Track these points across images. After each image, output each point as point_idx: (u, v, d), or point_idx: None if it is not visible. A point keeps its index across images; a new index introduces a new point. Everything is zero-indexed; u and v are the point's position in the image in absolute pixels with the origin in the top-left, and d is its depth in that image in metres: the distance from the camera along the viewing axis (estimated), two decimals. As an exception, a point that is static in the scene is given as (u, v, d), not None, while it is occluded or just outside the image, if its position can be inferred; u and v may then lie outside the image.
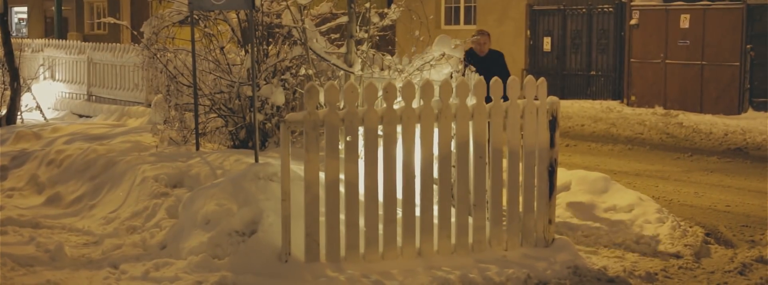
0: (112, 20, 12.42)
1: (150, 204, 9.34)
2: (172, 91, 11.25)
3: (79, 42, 22.03)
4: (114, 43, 20.49)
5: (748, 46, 19.84)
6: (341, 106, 8.25)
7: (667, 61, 21.24)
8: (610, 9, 23.03)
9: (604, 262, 8.64)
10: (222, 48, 10.91)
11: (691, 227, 9.73)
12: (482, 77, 8.78)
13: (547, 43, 24.39)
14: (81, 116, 19.15)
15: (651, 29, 21.74)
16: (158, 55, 11.27)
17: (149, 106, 13.58)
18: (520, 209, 8.63)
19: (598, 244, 9.35)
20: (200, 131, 10.80)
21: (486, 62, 11.42)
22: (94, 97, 20.20)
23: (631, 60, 22.21)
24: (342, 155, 8.11)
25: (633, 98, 21.89)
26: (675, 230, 9.40)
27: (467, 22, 26.27)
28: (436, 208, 8.33)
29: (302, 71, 10.35)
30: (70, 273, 7.86)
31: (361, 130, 8.13)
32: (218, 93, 10.75)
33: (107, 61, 19.62)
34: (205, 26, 11.12)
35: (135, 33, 12.51)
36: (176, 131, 11.24)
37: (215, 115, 10.94)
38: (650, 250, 9.05)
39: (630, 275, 8.27)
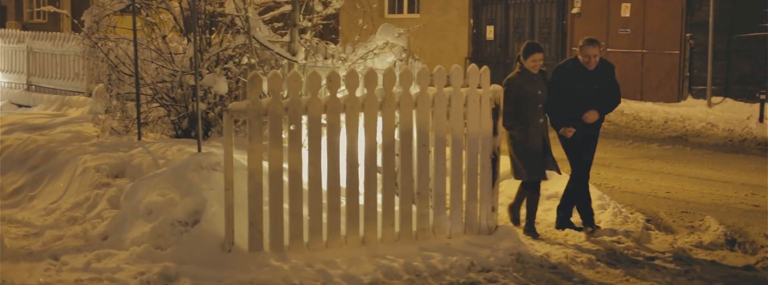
0: (52, 9, 12.28)
1: (91, 194, 9.26)
2: (113, 81, 11.15)
3: (18, 31, 21.72)
4: (54, 32, 20.23)
5: (688, 35, 20.07)
6: (285, 95, 8.23)
7: (608, 49, 21.42)
8: (553, -2, 23.19)
9: (546, 249, 8.71)
10: (164, 37, 10.82)
11: (632, 213, 9.85)
12: (425, 66, 8.76)
13: (490, 32, 24.50)
14: (20, 106, 18.90)
15: (593, 18, 21.91)
16: (99, 44, 11.16)
17: (90, 95, 13.45)
18: (464, 197, 8.67)
19: (541, 230, 9.42)
20: (142, 121, 10.71)
21: (594, 77, 9.41)
22: (33, 87, 19.94)
23: (573, 48, 22.36)
24: (285, 144, 8.09)
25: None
26: (616, 216, 9.50)
27: (411, 10, 26.29)
28: (379, 196, 8.34)
29: (245, 60, 10.30)
30: (9, 265, 7.76)
31: (304, 118, 8.11)
32: (160, 82, 10.66)
33: (47, 50, 19.38)
34: (147, 15, 11.02)
35: (76, 22, 12.37)
36: (118, 121, 11.14)
37: (157, 104, 10.86)
38: (592, 237, 9.13)
39: (572, 262, 8.34)
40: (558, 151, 9.43)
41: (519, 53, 9.29)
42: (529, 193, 9.43)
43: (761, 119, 17.35)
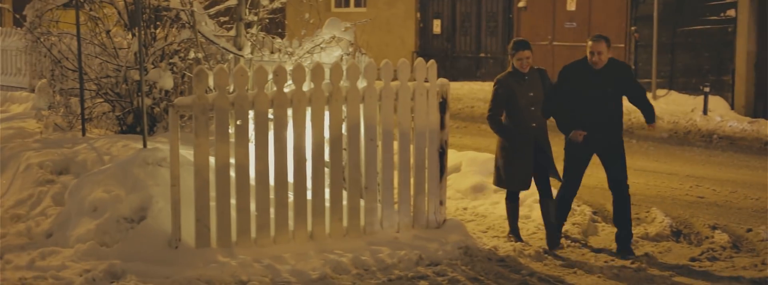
0: (-8, 3, 12.08)
1: (35, 191, 9.13)
2: (56, 76, 11.01)
3: (-42, 26, 21.37)
4: (-5, 27, 19.94)
5: (633, 28, 20.24)
6: (231, 90, 8.17)
7: (554, 43, 21.55)
8: (499, -9, 23.27)
9: (494, 242, 8.74)
10: (108, 31, 10.69)
11: (578, 206, 9.91)
12: (372, 60, 8.74)
13: (436, 26, 24.54)
14: (-38, 102, 18.60)
15: (539, 12, 22.02)
16: (42, 39, 11.01)
17: (33, 91, 13.27)
18: (412, 191, 8.68)
19: (489, 224, 9.45)
20: (86, 116, 10.59)
21: (604, 79, 8.54)
22: (-25, 83, 19.64)
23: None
24: (232, 139, 8.04)
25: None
26: (563, 209, 9.55)
27: (357, 4, 26.25)
28: (327, 191, 8.32)
29: (191, 55, 10.22)
30: (-48, 264, 7.64)
31: (251, 113, 8.07)
32: (105, 77, 10.54)
33: (-12, 45, 19.09)
34: (91, 9, 10.88)
35: (17, 16, 12.19)
36: (61, 117, 11.01)
37: (102, 100, 10.74)
38: (539, 229, 9.17)
39: (520, 254, 8.38)
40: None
41: (509, 51, 8.80)
42: (508, 202, 8.90)
43: (705, 112, 17.55)
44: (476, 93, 21.22)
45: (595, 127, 8.53)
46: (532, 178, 8.77)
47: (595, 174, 12.29)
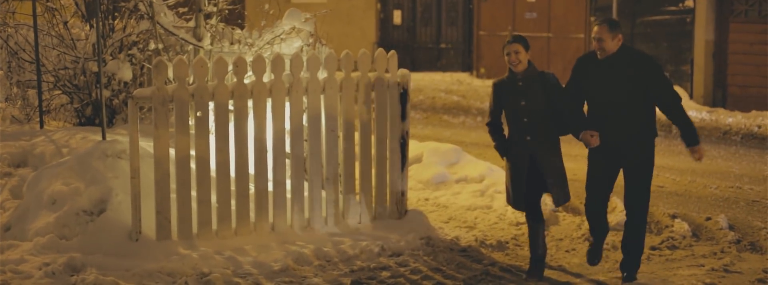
0: (-53, -6, 11.89)
1: (-8, 185, 9.03)
2: (13, 68, 10.88)
3: None
4: (-49, 19, 19.69)
5: (592, 18, 20.34)
6: (191, 82, 8.12)
7: (514, 33, 21.63)
8: (459, -18, 23.30)
9: (456, 232, 8.76)
10: (65, 23, 10.58)
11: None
12: (333, 51, 8.72)
13: (397, 16, 24.53)
14: None
15: (499, 2, 22.07)
16: (-2, 31, 10.87)
17: (-11, 83, 13.11)
18: (373, 182, 8.67)
19: (451, 214, 9.47)
20: (44, 109, 10.48)
21: (612, 71, 7.35)
22: (-70, 75, 19.39)
23: (480, 32, 22.52)
24: (192, 131, 7.99)
25: (482, 70, 22.23)
26: (524, 199, 9.57)
27: (318, -5, 26.17)
28: (288, 182, 8.30)
29: (150, 46, 10.14)
30: None
31: (211, 105, 8.03)
32: (62, 69, 10.43)
33: (-56, 37, 18.85)
34: (48, 0, 10.77)
35: (-28, 7, 12.03)
36: (19, 109, 10.89)
37: (60, 91, 10.63)
38: (500, 219, 9.20)
39: (482, 244, 8.41)
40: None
41: None
42: (528, 221, 7.83)
43: (663, 101, 17.67)
44: (437, 84, 21.25)
45: (607, 135, 7.38)
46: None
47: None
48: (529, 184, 7.63)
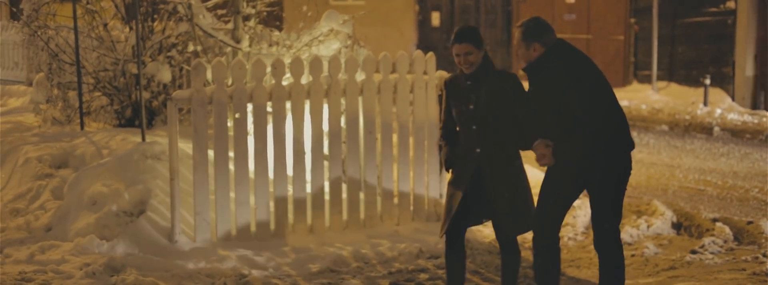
0: (-11, -3, 12.03)
1: (34, 186, 9.10)
2: (54, 70, 10.96)
3: (-45, 20, 21.30)
4: (-8, 21, 19.87)
5: (632, 20, 20.22)
6: (229, 83, 8.14)
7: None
8: (498, -16, 23.25)
9: (494, 234, 8.70)
10: (105, 24, 10.65)
11: (579, 199, 9.88)
12: (371, 52, 8.71)
13: (435, 18, 24.51)
14: (-41, 96, 18.57)
15: (538, 4, 21.99)
16: (39, 33, 10.95)
17: (30, 85, 13.20)
18: (411, 184, 8.65)
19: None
20: (85, 110, 10.55)
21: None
22: (-28, 77, 19.58)
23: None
24: (231, 133, 8.01)
25: (521, 72, 22.12)
26: (563, 202, 9.51)
27: (356, -3, 26.20)
28: (327, 184, 8.29)
29: (189, 48, 10.18)
30: (-50, 258, 7.62)
31: (249, 106, 8.05)
32: (102, 71, 10.50)
33: (-15, 39, 19.03)
34: (88, 2, 10.83)
35: (14, 10, 12.14)
36: (59, 111, 10.96)
37: (100, 93, 10.70)
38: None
39: (520, 247, 8.34)
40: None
41: None
42: (446, 252, 6.63)
43: (706, 104, 17.53)
44: (475, 85, 21.19)
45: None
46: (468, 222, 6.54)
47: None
48: (465, 207, 6.38)
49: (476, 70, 6.39)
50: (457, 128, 6.51)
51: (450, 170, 6.54)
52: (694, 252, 8.29)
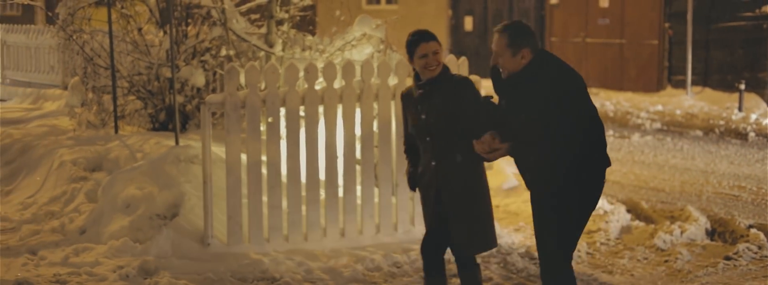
0: (25, 1, 12.14)
1: (68, 188, 9.17)
2: (89, 74, 11.05)
3: (-8, 24, 21.50)
4: (28, 25, 20.04)
5: (667, 25, 20.10)
6: (262, 87, 8.17)
7: (587, 39, 21.43)
8: (531, -12, 23.19)
9: (526, 240, 8.69)
10: (140, 29, 10.72)
11: (612, 204, 9.84)
12: (403, 57, 8.70)
13: (468, 23, 24.48)
14: (-5, 100, 18.75)
15: (571, 8, 21.91)
16: (74, 37, 11.05)
17: (66, 88, 13.30)
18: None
19: (522, 222, 9.40)
20: (119, 114, 10.62)
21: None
22: (8, 80, 19.75)
23: (552, 39, 22.37)
24: (263, 137, 8.03)
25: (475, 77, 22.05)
26: (597, 207, 9.47)
27: (389, 1, 26.24)
28: (359, 188, 8.30)
29: (222, 52, 10.23)
30: (-14, 260, 7.69)
31: (282, 111, 8.07)
32: (137, 75, 10.57)
33: (21, 43, 19.19)
34: (123, 7, 10.91)
35: (50, 14, 12.24)
36: (94, 114, 11.04)
37: (134, 97, 10.77)
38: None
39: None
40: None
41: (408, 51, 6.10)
42: (424, 272, 6.34)
43: (740, 109, 17.40)
44: (508, 90, 21.14)
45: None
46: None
47: (628, 172, 12.23)
48: (439, 226, 6.12)
49: (440, 77, 5.98)
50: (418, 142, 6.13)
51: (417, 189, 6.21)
52: (728, 258, 8.23)
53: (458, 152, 5.92)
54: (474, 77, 8.67)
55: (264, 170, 7.99)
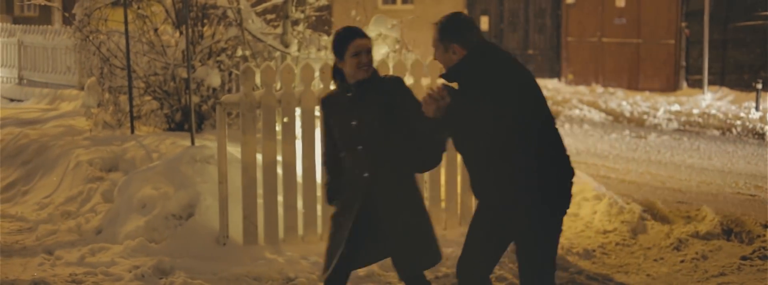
0: (42, 2, 12.19)
1: (85, 189, 9.21)
2: (105, 74, 11.09)
3: (8, 24, 21.61)
4: (45, 26, 20.13)
5: (683, 24, 20.04)
6: (278, 88, 8.18)
7: (603, 39, 21.37)
8: (547, -12, 23.15)
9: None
10: (156, 29, 10.75)
11: (627, 204, 9.81)
12: (419, 57, 8.70)
13: (484, 22, 24.45)
14: (12, 100, 18.82)
15: (588, 8, 21.86)
16: (91, 37, 11.09)
17: (82, 89, 13.35)
18: (459, 188, 8.63)
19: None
20: (135, 114, 10.66)
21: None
22: (25, 81, 19.85)
23: (568, 39, 22.33)
24: (279, 137, 8.04)
25: (570, 77, 22.03)
26: (612, 207, 9.46)
27: (404, 1, 26.22)
28: (374, 188, 8.28)
29: (238, 52, 10.25)
30: (3, 260, 7.73)
31: (298, 111, 8.08)
32: (153, 75, 10.61)
33: (38, 43, 19.29)
34: (139, 7, 10.95)
35: (66, 15, 12.29)
36: (110, 114, 11.09)
37: (150, 97, 10.80)
38: (587, 228, 9.09)
39: (568, 252, 8.31)
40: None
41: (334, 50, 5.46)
42: None
43: (757, 108, 17.33)
44: (524, 90, 21.11)
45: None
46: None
47: (643, 171, 12.19)
48: (353, 246, 5.41)
49: (370, 78, 5.37)
50: (342, 153, 5.48)
51: (333, 203, 5.58)
52: (744, 258, 8.20)
53: (395, 161, 5.33)
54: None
55: (279, 170, 8.00)
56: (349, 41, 5.30)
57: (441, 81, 5.23)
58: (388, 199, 5.35)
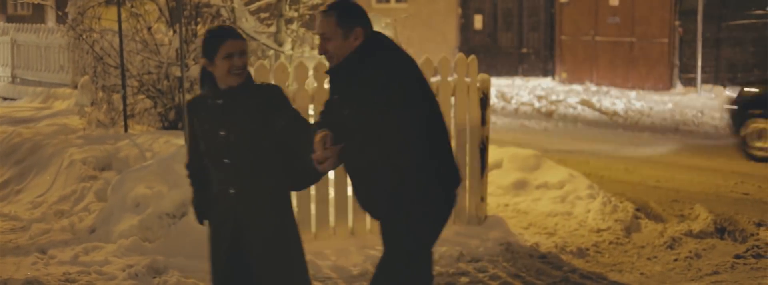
0: (35, 0, 12.18)
1: (78, 187, 9.20)
2: (98, 73, 11.09)
3: (1, 23, 21.59)
4: (38, 24, 20.11)
5: (677, 23, 20.06)
6: (271, 86, 8.16)
7: (597, 38, 21.39)
8: (541, -13, 23.18)
9: (536, 238, 8.68)
10: (149, 28, 10.75)
11: (621, 203, 9.82)
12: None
13: (478, 21, 24.47)
14: (5, 99, 18.81)
15: (581, 7, 21.88)
16: (84, 36, 11.09)
17: (76, 87, 13.35)
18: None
19: (531, 220, 9.40)
20: (128, 113, 10.65)
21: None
22: (18, 80, 19.83)
23: (562, 37, 22.35)
24: (273, 135, 8.02)
25: (564, 75, 22.06)
26: (606, 206, 9.47)
27: (398, 0, 26.22)
28: (368, 187, 8.28)
29: (232, 51, 10.25)
30: (-4, 259, 7.72)
31: (291, 109, 8.05)
32: (146, 74, 10.60)
33: (31, 42, 19.27)
34: (132, 6, 10.95)
35: (60, 13, 12.29)
36: (104, 113, 11.09)
37: (144, 96, 10.80)
38: (581, 226, 9.10)
39: (562, 251, 8.32)
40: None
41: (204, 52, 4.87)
42: None
43: (750, 107, 17.35)
44: (518, 89, 21.15)
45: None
46: None
47: (637, 170, 12.20)
48: (231, 271, 4.98)
49: (244, 84, 4.84)
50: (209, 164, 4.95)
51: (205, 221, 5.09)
52: (737, 256, 8.21)
53: (264, 177, 4.81)
54: (483, 76, 8.66)
55: (273, 169, 7.99)
56: (221, 42, 4.76)
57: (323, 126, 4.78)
58: (254, 221, 4.84)
